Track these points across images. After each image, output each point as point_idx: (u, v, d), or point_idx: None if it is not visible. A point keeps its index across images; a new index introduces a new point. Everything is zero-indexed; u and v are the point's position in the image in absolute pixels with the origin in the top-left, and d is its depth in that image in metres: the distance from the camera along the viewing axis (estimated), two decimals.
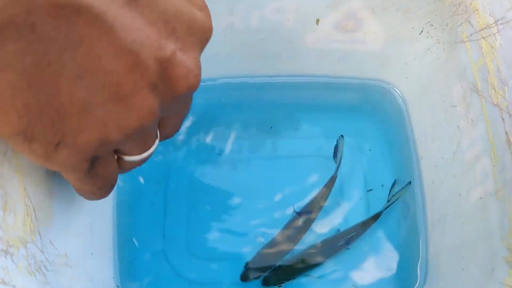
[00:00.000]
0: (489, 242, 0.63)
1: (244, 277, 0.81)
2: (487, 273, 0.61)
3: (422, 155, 0.86)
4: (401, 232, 0.85)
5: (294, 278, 0.82)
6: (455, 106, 0.75)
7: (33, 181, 0.56)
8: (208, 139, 0.92)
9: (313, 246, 0.83)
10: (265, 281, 0.82)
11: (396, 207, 0.85)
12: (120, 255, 0.81)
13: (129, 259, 0.82)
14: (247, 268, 0.82)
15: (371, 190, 0.87)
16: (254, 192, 0.87)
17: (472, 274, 0.65)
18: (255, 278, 0.81)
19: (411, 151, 0.88)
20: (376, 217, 0.84)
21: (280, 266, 0.83)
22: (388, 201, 0.85)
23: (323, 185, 0.86)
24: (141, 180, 0.88)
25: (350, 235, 0.82)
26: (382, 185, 0.88)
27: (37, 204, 0.56)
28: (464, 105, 0.72)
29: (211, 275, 0.83)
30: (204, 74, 0.91)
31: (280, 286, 0.81)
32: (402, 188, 0.85)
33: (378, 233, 0.85)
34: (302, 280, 0.82)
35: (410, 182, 0.86)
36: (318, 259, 0.83)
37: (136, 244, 0.84)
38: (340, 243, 0.82)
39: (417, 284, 0.81)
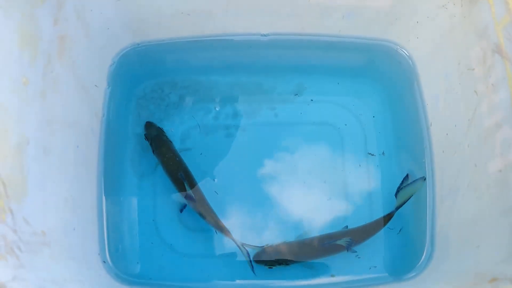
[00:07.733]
0: (510, 220, 0.58)
1: None
2: (508, 254, 0.56)
3: (432, 122, 0.80)
4: (405, 204, 0.80)
5: None
6: (473, 69, 0.69)
7: (1, 151, 0.50)
8: (199, 103, 0.85)
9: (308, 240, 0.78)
10: None
11: (400, 178, 0.79)
12: (106, 228, 0.76)
13: (116, 232, 0.77)
14: None
15: (373, 155, 0.83)
16: (249, 160, 0.82)
17: (489, 253, 0.60)
18: None
19: (420, 117, 0.82)
20: (380, 223, 0.77)
21: None
22: (396, 197, 0.77)
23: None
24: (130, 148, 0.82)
25: (351, 240, 0.75)
26: (383, 153, 0.83)
27: (7, 178, 0.50)
28: (484, 68, 0.66)
29: (203, 247, 0.78)
30: (194, 31, 0.86)
31: (271, 267, 0.76)
32: (413, 182, 0.78)
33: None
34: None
35: (424, 178, 0.78)
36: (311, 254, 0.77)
37: (125, 215, 0.78)
38: (339, 242, 0.76)
39: (422, 258, 0.77)
